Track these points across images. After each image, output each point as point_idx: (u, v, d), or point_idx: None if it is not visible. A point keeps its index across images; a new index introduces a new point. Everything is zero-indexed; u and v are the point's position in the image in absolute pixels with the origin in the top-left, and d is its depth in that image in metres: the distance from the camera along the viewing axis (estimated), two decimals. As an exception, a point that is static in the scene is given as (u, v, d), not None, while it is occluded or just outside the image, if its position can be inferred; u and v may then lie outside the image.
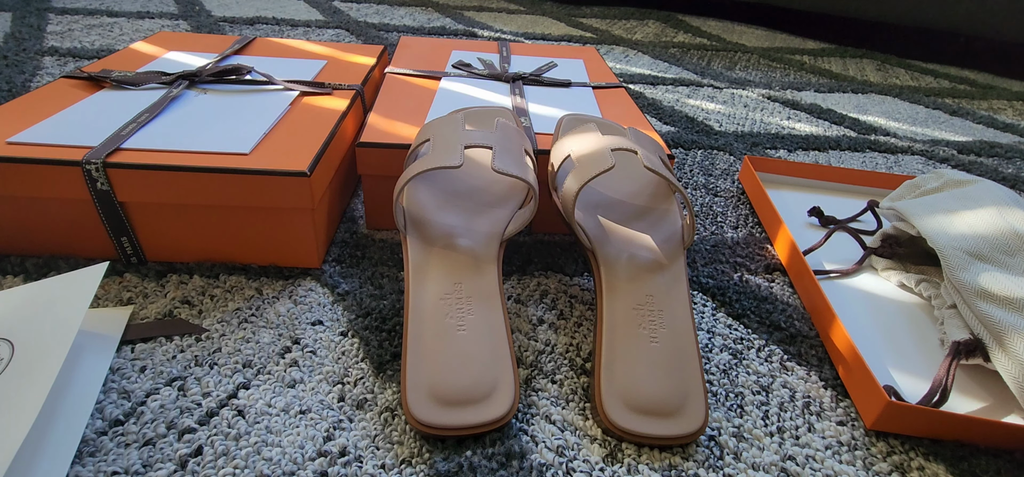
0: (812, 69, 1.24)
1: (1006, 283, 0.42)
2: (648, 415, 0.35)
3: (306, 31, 1.15)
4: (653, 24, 1.53)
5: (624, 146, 0.43)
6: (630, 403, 0.35)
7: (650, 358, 0.37)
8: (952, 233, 0.47)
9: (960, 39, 1.37)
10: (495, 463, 0.33)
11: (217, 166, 0.42)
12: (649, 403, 0.35)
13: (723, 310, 0.47)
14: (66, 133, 0.45)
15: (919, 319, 0.48)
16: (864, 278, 0.53)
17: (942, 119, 1.01)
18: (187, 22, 1.13)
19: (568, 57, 0.79)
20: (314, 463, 0.32)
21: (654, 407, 0.35)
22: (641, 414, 0.35)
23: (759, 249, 0.56)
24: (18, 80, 0.77)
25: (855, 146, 0.83)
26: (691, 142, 0.79)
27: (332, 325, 0.42)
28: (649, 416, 0.35)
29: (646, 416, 0.35)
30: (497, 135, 0.45)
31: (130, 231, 0.45)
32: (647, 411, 0.35)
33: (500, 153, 0.42)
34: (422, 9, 1.44)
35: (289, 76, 0.61)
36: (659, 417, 0.35)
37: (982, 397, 0.41)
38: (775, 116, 0.93)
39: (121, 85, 0.54)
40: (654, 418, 0.35)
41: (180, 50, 0.67)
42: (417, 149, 0.46)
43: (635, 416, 0.35)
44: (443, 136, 0.44)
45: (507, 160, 0.42)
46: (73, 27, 1.03)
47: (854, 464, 0.35)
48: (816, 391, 0.40)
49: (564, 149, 0.46)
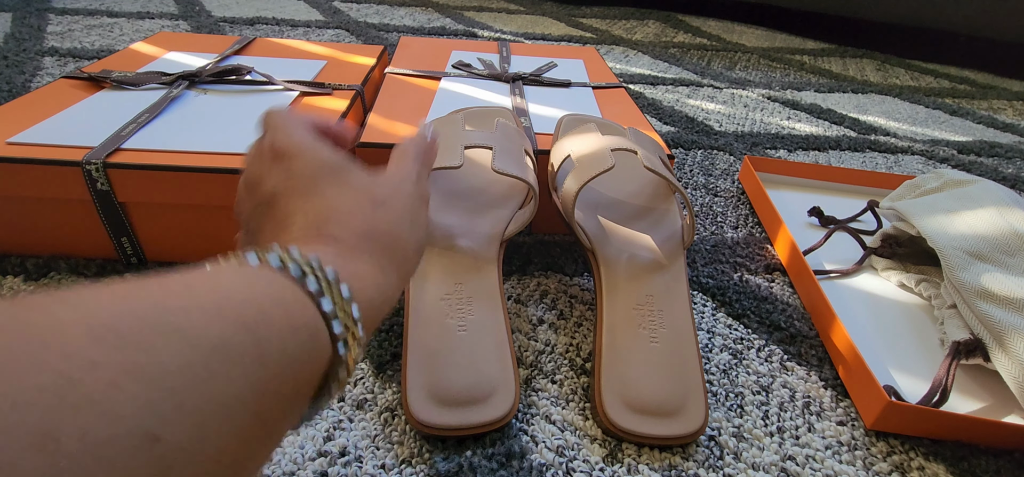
0: (812, 69, 1.24)
1: (1006, 283, 0.42)
2: (648, 415, 0.35)
3: (306, 31, 1.15)
4: (653, 24, 1.53)
5: (624, 146, 0.43)
6: (630, 403, 0.35)
7: (650, 358, 0.37)
8: (952, 233, 0.47)
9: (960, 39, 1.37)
10: (495, 463, 0.33)
11: (217, 166, 0.42)
12: (649, 403, 0.35)
13: (723, 310, 0.47)
14: (66, 133, 0.45)
15: (919, 319, 0.48)
16: (864, 278, 0.53)
17: (942, 119, 1.01)
18: (187, 22, 1.13)
19: (568, 57, 0.79)
20: (314, 463, 0.32)
21: (654, 407, 0.35)
22: (641, 414, 0.35)
23: (759, 249, 0.56)
24: (18, 80, 0.77)
25: (855, 146, 0.83)
26: (691, 142, 0.79)
27: (332, 325, 0.42)
28: (649, 416, 0.35)
29: (646, 416, 0.35)
30: (497, 135, 0.45)
31: (130, 231, 0.45)
32: (647, 411, 0.35)
33: (500, 153, 0.42)
34: (422, 9, 1.44)
35: (289, 76, 0.61)
36: (659, 417, 0.35)
37: (982, 397, 0.41)
38: (775, 116, 0.93)
39: (121, 85, 0.54)
40: (654, 418, 0.35)
41: (180, 50, 0.67)
42: None
43: (635, 416, 0.35)
44: (443, 136, 0.44)
45: (507, 160, 0.42)
46: (73, 27, 1.03)
47: (854, 464, 0.35)
48: (816, 391, 0.40)
49: (564, 149, 0.46)
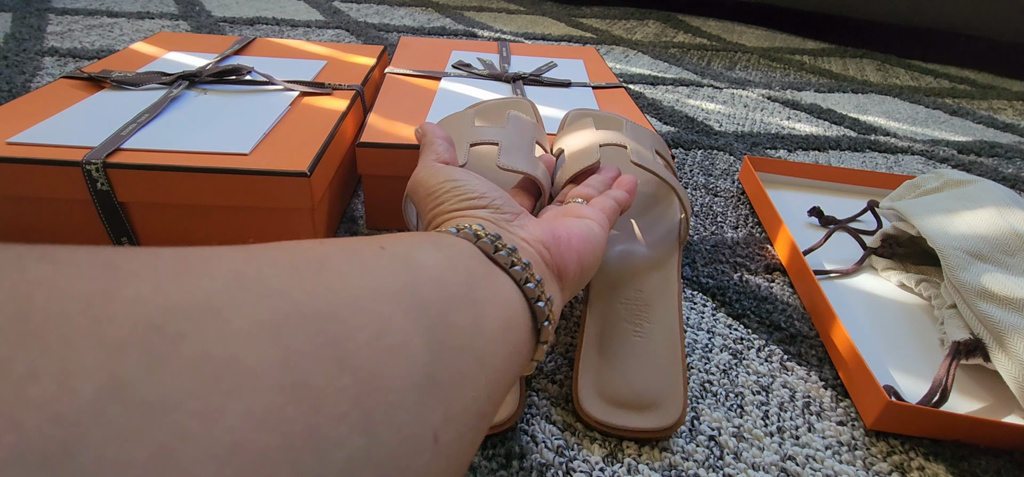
0: (812, 69, 1.24)
1: (1006, 283, 0.42)
2: (622, 407, 0.35)
3: (306, 31, 1.15)
4: (653, 24, 1.53)
5: (613, 141, 0.43)
6: (604, 395, 0.36)
7: (630, 352, 0.37)
8: (952, 233, 0.47)
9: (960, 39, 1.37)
10: (495, 463, 0.33)
11: (217, 166, 0.42)
12: (623, 396, 0.35)
13: (723, 310, 0.47)
14: (66, 133, 0.45)
15: (919, 319, 0.48)
16: (864, 278, 0.53)
17: (942, 119, 1.01)
18: (187, 22, 1.13)
19: (568, 57, 0.79)
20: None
21: (628, 400, 0.35)
22: (614, 406, 0.35)
23: (759, 249, 0.56)
24: (18, 80, 0.77)
25: (855, 146, 0.83)
26: (691, 142, 0.79)
27: (332, 325, 0.42)
28: (623, 408, 0.35)
29: (619, 408, 0.35)
30: (506, 130, 0.44)
31: (130, 232, 0.45)
32: (621, 403, 0.35)
33: (507, 148, 0.42)
34: (422, 9, 1.44)
35: (289, 76, 0.61)
36: (633, 410, 0.35)
37: (982, 397, 0.41)
38: (775, 116, 0.93)
39: (121, 85, 0.54)
40: (627, 411, 0.35)
41: (180, 50, 0.67)
42: None
43: (608, 407, 0.35)
44: (453, 134, 0.43)
45: (514, 155, 0.42)
46: (73, 27, 1.03)
47: (854, 464, 0.35)
48: (816, 391, 0.40)
49: (560, 144, 0.46)
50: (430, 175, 0.31)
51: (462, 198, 0.29)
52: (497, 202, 0.29)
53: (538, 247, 0.28)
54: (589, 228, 0.32)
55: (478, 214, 0.28)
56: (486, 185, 0.31)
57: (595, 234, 0.32)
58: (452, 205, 0.29)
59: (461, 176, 0.31)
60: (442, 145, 0.34)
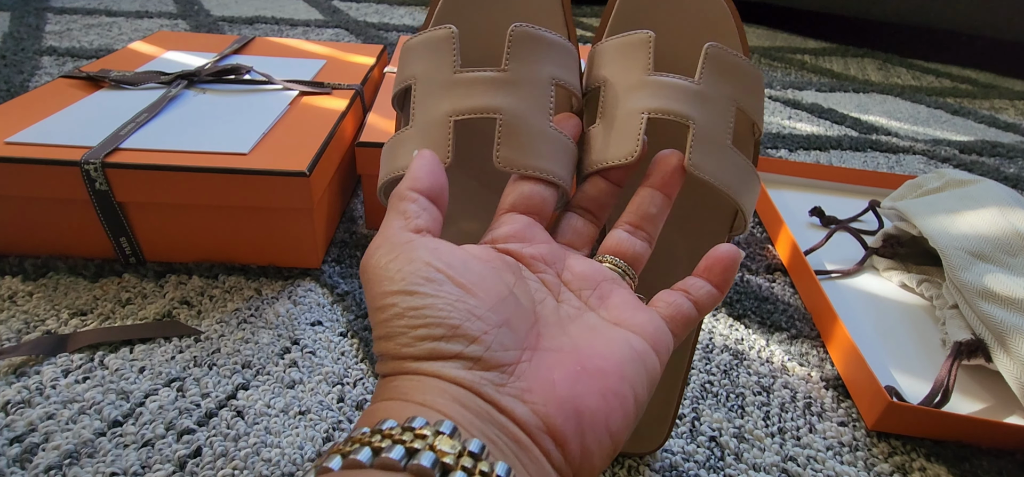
0: (813, 68, 1.24)
1: (1008, 283, 0.41)
2: None
3: (305, 31, 1.15)
4: (653, 23, 1.53)
5: (674, 112, 0.41)
6: None
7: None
8: (954, 233, 0.47)
9: (962, 38, 1.37)
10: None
11: (216, 166, 0.42)
12: None
13: (724, 310, 0.47)
14: (64, 133, 0.45)
15: (921, 319, 0.48)
16: (865, 278, 0.52)
17: (944, 119, 1.01)
18: (186, 22, 1.13)
19: (568, 56, 0.79)
20: (314, 463, 0.32)
21: None
22: None
23: (760, 249, 0.56)
24: (17, 80, 0.76)
25: (856, 146, 0.83)
26: (692, 141, 0.78)
27: (331, 325, 0.42)
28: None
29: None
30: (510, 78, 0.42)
31: (129, 231, 0.44)
32: None
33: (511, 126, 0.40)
34: (422, 9, 1.43)
35: (288, 76, 0.61)
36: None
37: (984, 398, 0.40)
38: (776, 116, 0.93)
39: (120, 85, 0.54)
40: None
41: (179, 50, 0.67)
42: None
43: None
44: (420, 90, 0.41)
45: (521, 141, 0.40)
46: (71, 27, 1.03)
47: (855, 465, 0.35)
48: (817, 392, 0.40)
49: (597, 78, 0.44)
50: (382, 267, 0.19)
51: (421, 333, 0.17)
52: (486, 338, 0.18)
53: (542, 437, 0.17)
54: (641, 363, 0.19)
55: (447, 369, 0.17)
56: (467, 302, 0.18)
57: (651, 371, 0.20)
58: (403, 344, 0.18)
59: (427, 283, 0.18)
60: (415, 207, 0.21)
